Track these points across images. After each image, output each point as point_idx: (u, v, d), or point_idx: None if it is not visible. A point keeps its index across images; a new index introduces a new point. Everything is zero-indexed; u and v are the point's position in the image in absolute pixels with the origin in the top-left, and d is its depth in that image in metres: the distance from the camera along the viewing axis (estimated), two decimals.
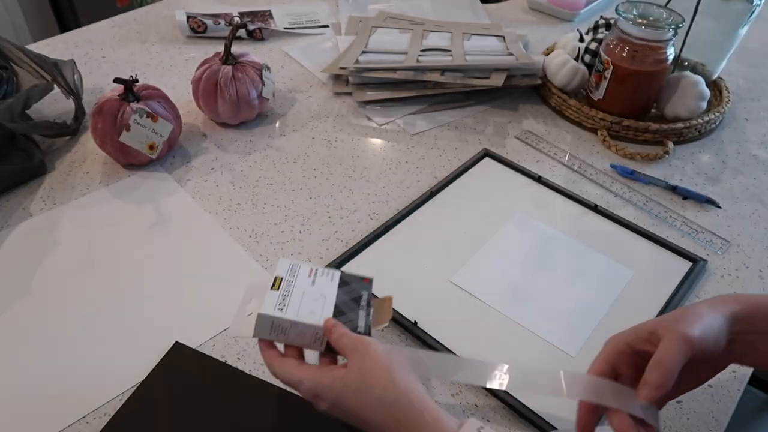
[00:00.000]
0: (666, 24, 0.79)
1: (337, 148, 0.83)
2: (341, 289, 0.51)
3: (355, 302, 0.50)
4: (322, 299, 0.49)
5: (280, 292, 0.48)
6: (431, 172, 0.79)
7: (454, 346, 0.57)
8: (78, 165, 0.78)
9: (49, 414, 0.52)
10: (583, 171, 0.80)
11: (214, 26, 1.05)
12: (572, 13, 1.18)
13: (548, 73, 0.91)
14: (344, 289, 0.51)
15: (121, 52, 1.02)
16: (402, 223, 0.71)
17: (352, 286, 0.51)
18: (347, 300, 0.50)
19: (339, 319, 0.47)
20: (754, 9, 0.83)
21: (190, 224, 0.70)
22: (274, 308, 0.47)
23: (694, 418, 0.54)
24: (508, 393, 0.54)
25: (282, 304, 0.47)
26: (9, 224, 0.69)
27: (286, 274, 0.50)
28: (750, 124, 0.92)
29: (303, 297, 0.49)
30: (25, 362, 0.56)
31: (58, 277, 0.63)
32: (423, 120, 0.89)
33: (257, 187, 0.76)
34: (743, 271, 0.68)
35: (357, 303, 0.50)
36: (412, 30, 1.03)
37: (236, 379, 0.55)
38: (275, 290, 0.49)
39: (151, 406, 0.52)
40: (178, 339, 0.57)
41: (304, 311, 0.47)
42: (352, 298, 0.50)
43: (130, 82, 0.74)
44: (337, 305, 0.49)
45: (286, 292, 0.49)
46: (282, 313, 0.46)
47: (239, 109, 0.82)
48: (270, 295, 0.48)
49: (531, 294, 0.63)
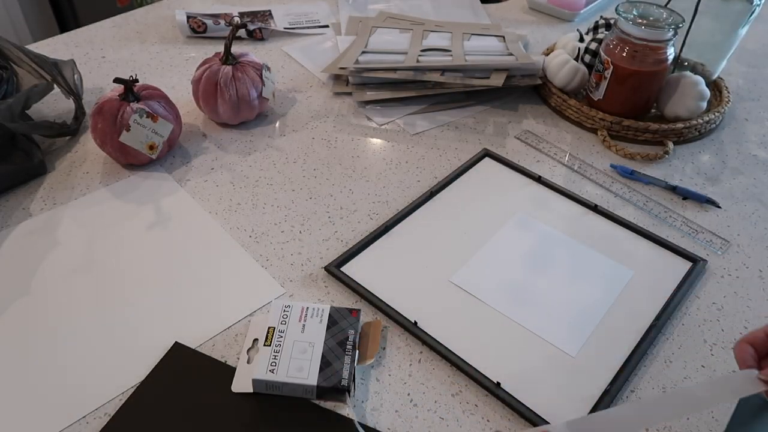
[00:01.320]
0: (666, 24, 0.79)
1: (337, 148, 0.83)
2: (329, 331, 0.56)
3: (341, 347, 0.55)
4: (310, 349, 0.54)
5: (271, 349, 0.54)
6: (431, 172, 0.79)
7: (454, 346, 0.57)
8: (78, 165, 0.78)
9: (49, 414, 0.52)
10: (583, 171, 0.80)
11: (214, 26, 1.05)
12: (572, 13, 1.18)
13: (548, 73, 0.91)
14: (332, 332, 0.56)
15: (121, 52, 1.02)
16: (402, 223, 0.71)
17: (340, 326, 0.56)
18: (334, 345, 0.55)
19: (325, 372, 0.52)
20: (754, 9, 0.83)
21: (190, 224, 0.70)
22: (266, 371, 0.52)
23: (693, 417, 0.54)
24: (508, 393, 0.54)
25: (273, 364, 0.53)
26: (9, 224, 0.69)
27: (278, 323, 0.56)
28: (750, 124, 0.92)
29: (293, 351, 0.54)
30: (25, 362, 0.56)
31: (58, 277, 0.63)
32: (423, 120, 0.89)
33: (257, 187, 0.76)
34: (743, 271, 0.68)
35: (343, 348, 0.55)
36: (412, 30, 1.03)
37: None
38: (267, 346, 0.54)
39: (151, 406, 0.52)
40: (178, 339, 0.57)
41: (294, 369, 0.53)
42: (339, 342, 0.55)
43: (130, 82, 0.74)
44: (323, 355, 0.54)
45: (277, 348, 0.54)
46: (273, 375, 0.52)
47: (239, 109, 0.82)
48: (262, 355, 0.53)
49: (531, 294, 0.63)
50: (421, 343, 0.58)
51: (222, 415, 0.52)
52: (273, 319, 0.56)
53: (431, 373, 0.56)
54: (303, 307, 0.57)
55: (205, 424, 0.51)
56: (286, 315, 0.57)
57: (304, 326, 0.56)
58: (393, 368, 0.56)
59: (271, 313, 0.57)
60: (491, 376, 0.55)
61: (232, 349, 0.57)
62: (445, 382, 0.56)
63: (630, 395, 0.55)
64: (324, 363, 0.53)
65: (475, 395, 0.55)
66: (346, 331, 0.56)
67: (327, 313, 0.57)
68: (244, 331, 0.59)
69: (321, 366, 0.53)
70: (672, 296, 0.64)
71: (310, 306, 0.57)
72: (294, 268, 0.66)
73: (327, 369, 0.53)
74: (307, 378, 0.52)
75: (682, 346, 0.60)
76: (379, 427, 0.52)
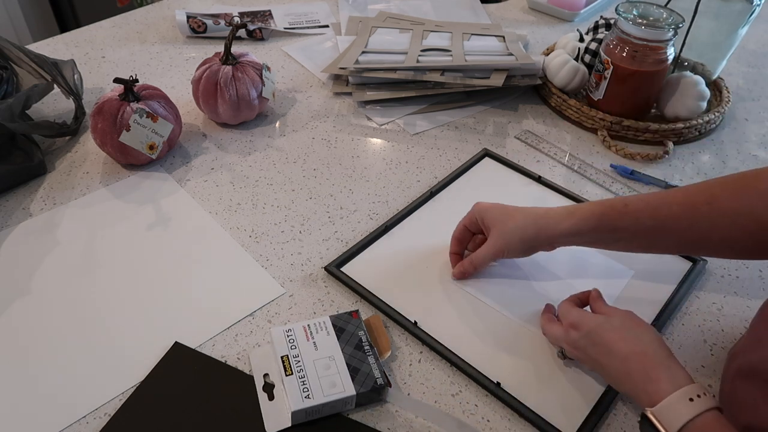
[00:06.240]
0: (666, 24, 0.79)
1: (337, 148, 0.83)
2: (341, 340, 0.55)
3: (359, 350, 0.55)
4: (333, 363, 0.53)
5: (296, 377, 0.52)
6: (431, 172, 0.79)
7: (454, 346, 0.57)
8: (78, 165, 0.78)
9: (49, 414, 0.52)
10: (583, 171, 0.80)
11: (214, 26, 1.05)
12: (572, 13, 1.18)
13: (548, 73, 0.91)
14: (343, 339, 0.55)
15: (121, 52, 1.02)
16: (402, 223, 0.71)
17: (348, 331, 0.56)
18: (352, 351, 0.54)
19: (358, 379, 0.52)
20: (754, 9, 0.83)
21: (190, 224, 0.70)
22: (302, 399, 0.50)
23: None
24: (508, 393, 0.54)
25: (305, 390, 0.51)
26: (9, 224, 0.69)
27: (288, 349, 0.54)
28: (750, 124, 0.92)
29: (317, 370, 0.53)
30: (25, 362, 0.56)
31: (58, 277, 0.63)
32: (423, 120, 0.89)
33: (257, 187, 0.76)
34: (743, 271, 0.68)
35: (362, 350, 0.55)
36: (412, 30, 1.03)
37: (236, 380, 0.54)
38: (290, 376, 0.52)
39: (151, 406, 0.52)
40: (178, 339, 0.57)
41: (327, 386, 0.51)
42: (355, 347, 0.55)
43: (130, 82, 0.74)
44: (348, 364, 0.53)
45: (301, 373, 0.52)
46: (311, 400, 0.50)
47: (239, 109, 0.82)
48: (290, 385, 0.51)
49: (531, 294, 0.63)
50: (421, 343, 0.58)
51: (222, 415, 0.52)
52: (281, 348, 0.54)
53: (431, 373, 0.56)
54: (304, 326, 0.56)
55: (205, 424, 0.51)
56: (291, 339, 0.55)
57: (315, 344, 0.55)
58: (393, 368, 0.56)
59: (275, 342, 0.55)
60: (491, 376, 0.55)
61: (232, 349, 0.57)
62: (445, 382, 0.56)
63: None
64: (353, 371, 0.53)
65: (475, 395, 0.55)
66: (356, 333, 0.56)
67: (330, 323, 0.57)
68: (245, 331, 0.59)
69: (351, 374, 0.52)
70: (672, 296, 0.64)
71: (310, 323, 0.57)
72: (294, 268, 0.66)
73: (358, 375, 0.52)
74: (344, 390, 0.51)
75: (682, 346, 0.60)
76: (379, 427, 0.52)
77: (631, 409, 0.54)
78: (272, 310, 0.61)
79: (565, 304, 0.57)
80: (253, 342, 0.58)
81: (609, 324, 0.52)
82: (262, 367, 0.55)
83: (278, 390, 0.53)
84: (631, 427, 0.53)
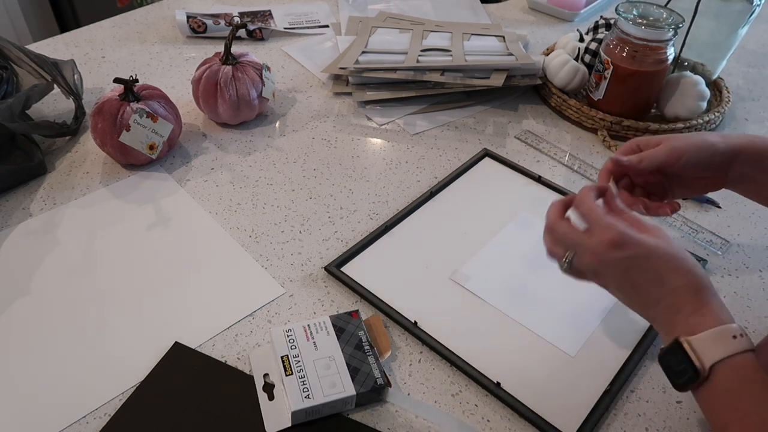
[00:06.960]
0: (666, 24, 0.79)
1: (337, 148, 0.83)
2: (341, 340, 0.55)
3: (359, 350, 0.55)
4: (333, 363, 0.53)
5: (296, 377, 0.52)
6: (431, 172, 0.79)
7: (454, 346, 0.57)
8: (78, 165, 0.78)
9: (49, 414, 0.52)
10: (583, 171, 0.80)
11: (214, 26, 1.05)
12: (572, 13, 1.18)
13: (548, 73, 0.91)
14: (343, 339, 0.56)
15: (121, 52, 1.02)
16: (402, 223, 0.71)
17: (348, 331, 0.56)
18: (352, 351, 0.55)
19: (357, 379, 0.52)
20: (754, 9, 0.83)
21: (190, 224, 0.70)
22: (302, 399, 0.50)
23: (693, 418, 0.54)
24: (508, 393, 0.54)
25: (305, 390, 0.51)
26: (9, 224, 0.69)
27: (288, 349, 0.54)
28: (750, 124, 0.92)
29: (317, 370, 0.53)
30: (24, 362, 0.56)
31: (58, 277, 0.63)
32: (423, 120, 0.89)
33: (257, 187, 0.76)
34: (743, 271, 0.68)
35: (362, 350, 0.55)
36: (412, 30, 1.03)
37: (236, 380, 0.54)
38: (290, 376, 0.52)
39: (151, 407, 0.52)
40: (178, 339, 0.57)
41: (327, 386, 0.52)
42: (355, 347, 0.55)
43: (130, 82, 0.74)
44: (348, 364, 0.53)
45: (301, 373, 0.52)
46: (311, 400, 0.50)
47: (239, 109, 0.82)
48: (290, 385, 0.51)
49: (531, 294, 0.63)
50: (421, 343, 0.58)
51: (222, 415, 0.52)
52: (281, 348, 0.54)
53: (431, 373, 0.56)
54: (304, 326, 0.56)
55: (205, 424, 0.51)
56: (291, 339, 0.55)
57: (315, 344, 0.55)
58: (393, 368, 0.56)
59: (275, 342, 0.55)
60: (491, 376, 0.55)
61: (232, 349, 0.57)
62: (445, 382, 0.56)
63: (630, 395, 0.55)
64: (353, 371, 0.53)
65: (475, 395, 0.55)
66: (356, 333, 0.56)
67: (330, 323, 0.57)
68: (245, 331, 0.59)
69: (351, 374, 0.52)
70: None
71: (310, 322, 0.57)
72: (294, 268, 0.66)
73: (358, 375, 0.53)
74: (344, 390, 0.51)
75: None
76: (379, 427, 0.52)
77: (631, 409, 0.54)
78: (272, 310, 0.61)
79: (592, 203, 0.51)
80: (253, 342, 0.58)
81: (662, 250, 0.47)
82: (262, 367, 0.55)
83: (278, 390, 0.53)
84: (631, 427, 0.53)
